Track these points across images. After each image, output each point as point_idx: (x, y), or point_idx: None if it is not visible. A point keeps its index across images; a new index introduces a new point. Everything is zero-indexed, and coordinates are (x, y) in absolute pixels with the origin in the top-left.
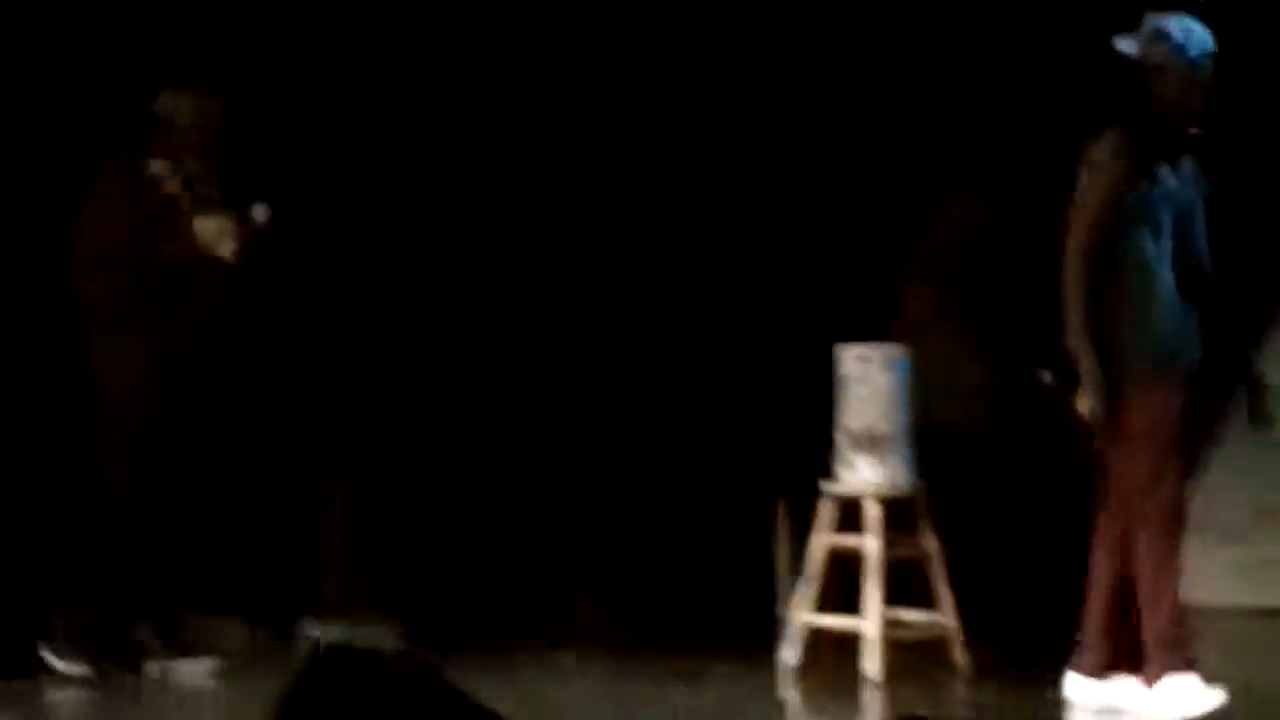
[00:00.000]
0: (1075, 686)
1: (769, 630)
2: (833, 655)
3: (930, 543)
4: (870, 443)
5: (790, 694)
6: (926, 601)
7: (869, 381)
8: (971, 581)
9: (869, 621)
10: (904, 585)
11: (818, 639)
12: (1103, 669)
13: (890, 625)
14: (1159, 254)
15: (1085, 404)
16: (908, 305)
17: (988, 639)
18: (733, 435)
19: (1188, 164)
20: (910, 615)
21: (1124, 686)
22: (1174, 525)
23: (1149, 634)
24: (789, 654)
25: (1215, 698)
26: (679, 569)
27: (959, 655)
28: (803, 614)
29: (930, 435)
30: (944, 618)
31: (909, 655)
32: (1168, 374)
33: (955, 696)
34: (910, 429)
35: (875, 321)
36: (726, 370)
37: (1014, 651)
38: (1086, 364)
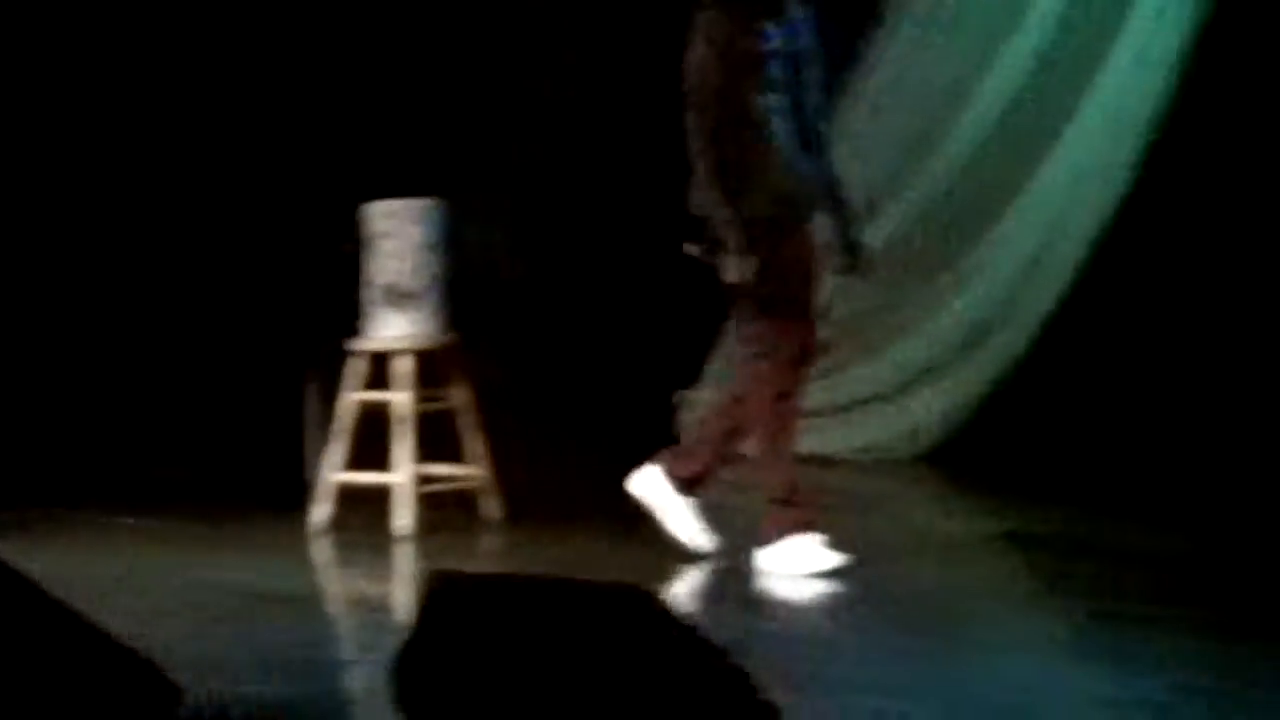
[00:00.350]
0: (645, 478)
1: (301, 490)
2: (365, 512)
3: (462, 395)
4: (400, 297)
5: (321, 552)
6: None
7: (398, 236)
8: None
9: (399, 476)
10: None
11: (349, 497)
12: (682, 481)
13: (421, 480)
14: (774, 109)
15: (731, 268)
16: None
17: (523, 488)
18: (262, 298)
19: (799, 14)
20: (441, 469)
21: (684, 503)
22: (793, 385)
23: (767, 492)
24: (319, 512)
25: (832, 559)
26: (212, 431)
27: (490, 506)
28: (333, 472)
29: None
30: (476, 469)
31: (443, 509)
32: (791, 228)
33: (486, 547)
34: (442, 282)
35: (404, 179)
36: (253, 233)
37: (550, 500)
38: (730, 228)
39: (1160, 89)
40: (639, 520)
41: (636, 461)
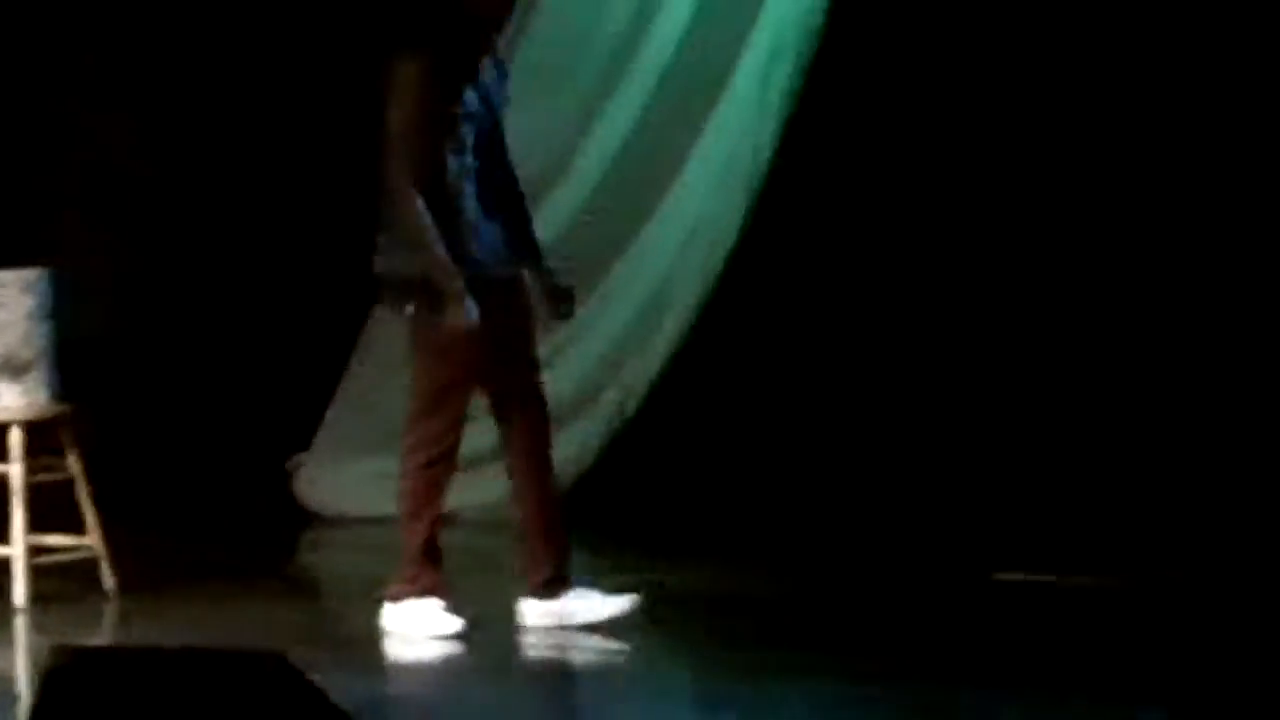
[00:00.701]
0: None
1: None
2: None
3: (76, 464)
4: (11, 369)
5: None
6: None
7: (7, 306)
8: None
9: (14, 549)
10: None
11: None
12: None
13: (36, 551)
14: (464, 171)
15: (455, 314)
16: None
17: (139, 557)
18: None
19: (491, 76)
20: (56, 539)
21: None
22: (452, 446)
23: (406, 545)
24: None
25: (454, 624)
26: None
27: (106, 576)
28: None
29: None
30: (92, 539)
31: (61, 579)
32: (476, 290)
33: (104, 616)
34: (53, 351)
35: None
36: None
37: (167, 567)
38: (449, 282)
39: (767, 138)
40: (255, 584)
41: (249, 527)
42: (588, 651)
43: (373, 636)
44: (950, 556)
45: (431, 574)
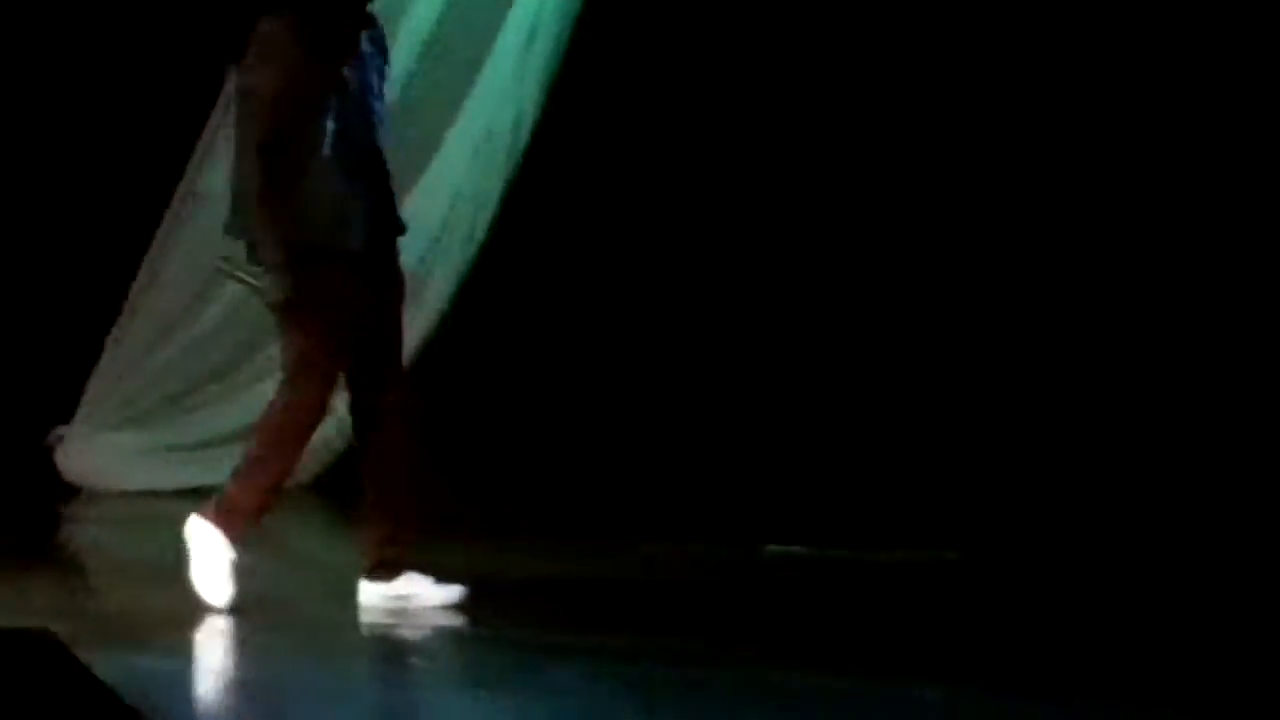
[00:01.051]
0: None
1: None
2: None
3: None
4: None
5: None
6: None
7: None
8: None
9: None
10: None
11: None
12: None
13: None
14: (322, 137)
15: (269, 287)
16: None
17: None
18: None
19: (367, 47)
20: None
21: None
22: (310, 414)
23: (233, 488)
24: None
25: (225, 592)
26: None
27: None
28: None
29: None
30: None
31: None
32: (328, 255)
33: None
34: None
35: None
36: None
37: None
38: (270, 248)
39: (529, 107)
40: (17, 559)
41: (10, 502)
42: (359, 631)
43: (137, 611)
44: (726, 529)
45: (243, 530)
